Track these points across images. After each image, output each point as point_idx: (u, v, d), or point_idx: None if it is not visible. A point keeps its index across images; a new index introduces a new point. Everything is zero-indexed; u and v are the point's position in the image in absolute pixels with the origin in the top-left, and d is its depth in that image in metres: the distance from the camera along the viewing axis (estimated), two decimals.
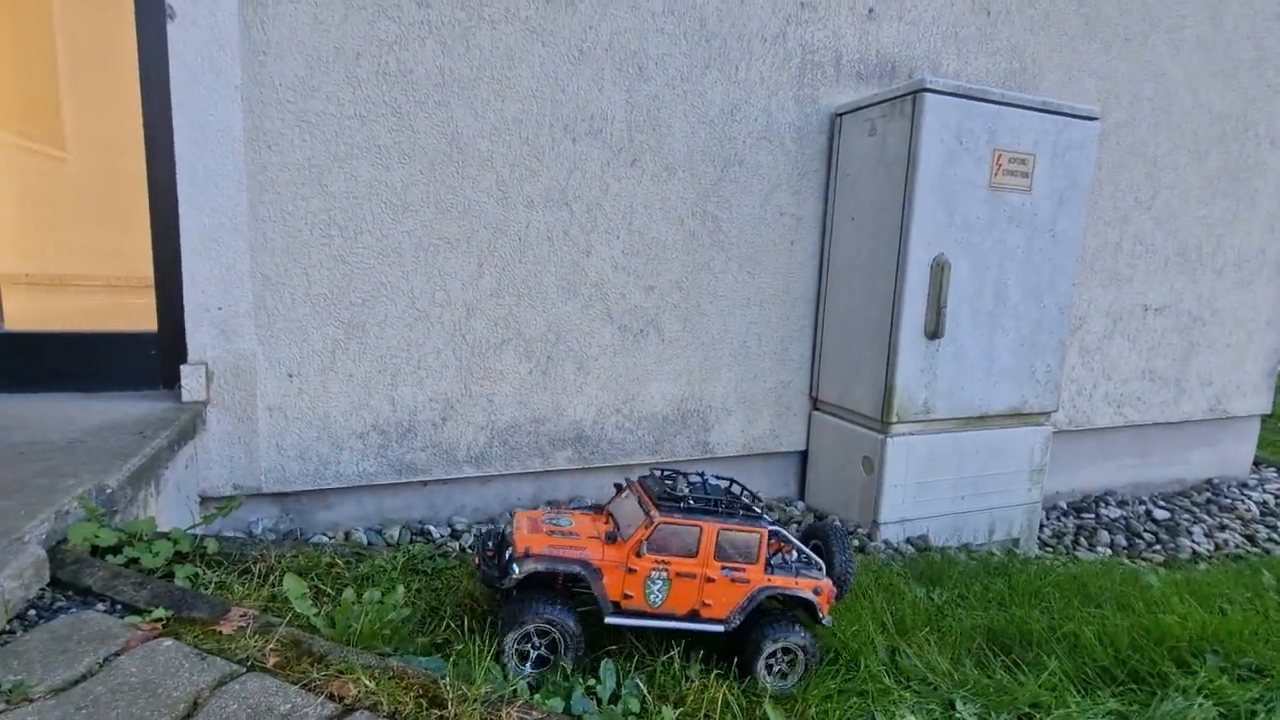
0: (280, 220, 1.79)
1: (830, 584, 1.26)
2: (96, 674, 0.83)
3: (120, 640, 0.90)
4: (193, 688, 0.82)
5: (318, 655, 0.91)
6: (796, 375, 2.45)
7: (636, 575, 1.16)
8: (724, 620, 1.19)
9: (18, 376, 1.73)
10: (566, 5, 1.96)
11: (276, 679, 0.86)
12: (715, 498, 1.23)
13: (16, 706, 0.77)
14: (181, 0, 1.63)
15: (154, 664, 0.86)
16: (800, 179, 2.33)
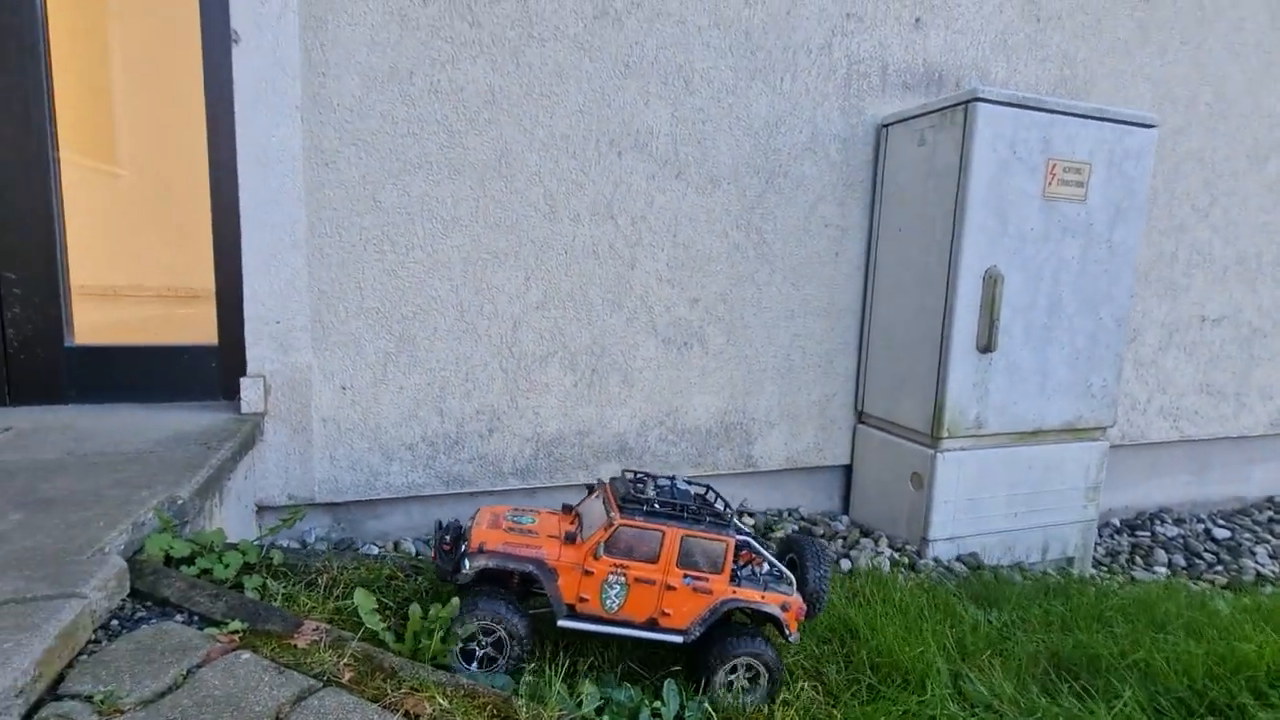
0: (336, 236, 1.83)
1: (800, 600, 1.20)
2: (181, 686, 0.85)
3: (200, 652, 0.92)
4: (274, 703, 0.84)
5: (390, 671, 0.92)
6: (841, 388, 2.42)
7: (593, 578, 1.11)
8: (684, 631, 1.13)
9: (88, 388, 1.80)
10: (614, 21, 1.98)
11: (353, 695, 0.87)
12: (681, 502, 1.16)
13: (109, 718, 0.79)
14: (246, 25, 1.68)
15: (235, 677, 0.88)
16: (845, 190, 2.31)
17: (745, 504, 2.39)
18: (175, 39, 4.22)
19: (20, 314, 1.72)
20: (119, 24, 4.33)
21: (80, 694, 0.82)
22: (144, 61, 4.36)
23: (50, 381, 1.76)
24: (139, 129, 4.48)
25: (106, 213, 4.42)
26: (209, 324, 1.87)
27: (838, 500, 2.53)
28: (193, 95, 1.81)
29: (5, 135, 1.65)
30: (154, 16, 4.25)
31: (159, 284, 4.70)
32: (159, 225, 4.48)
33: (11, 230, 1.69)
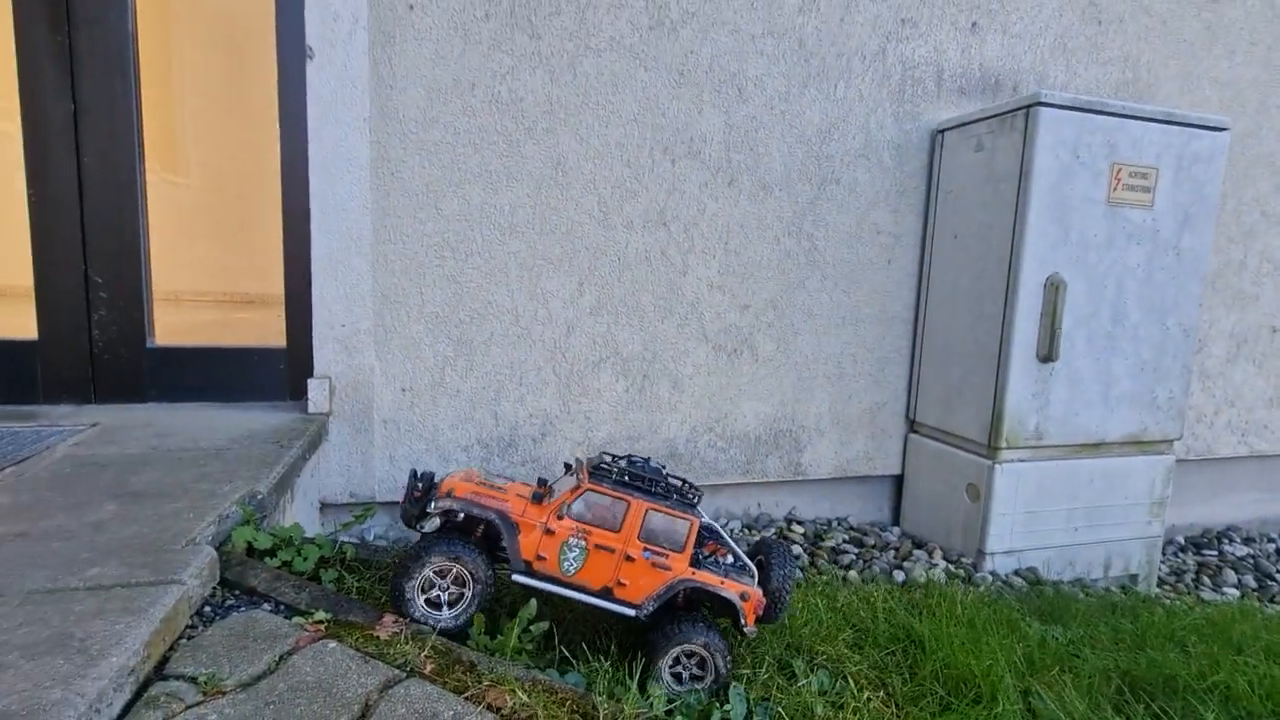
0: (399, 243, 1.89)
1: (760, 594, 1.18)
2: (275, 671, 0.89)
3: (290, 640, 0.96)
4: (362, 690, 0.86)
5: (468, 665, 0.95)
6: (892, 397, 2.38)
7: (554, 539, 1.12)
8: (637, 605, 1.12)
9: (165, 387, 1.88)
10: (669, 31, 2.00)
11: (435, 686, 0.89)
12: (650, 476, 1.17)
13: (212, 698, 0.83)
14: (320, 41, 1.76)
15: (324, 664, 0.91)
16: (898, 197, 2.28)
17: (794, 512, 2.37)
18: (239, 56, 4.41)
19: (106, 316, 1.82)
20: (185, 42, 4.55)
21: (184, 675, 0.86)
22: (207, 77, 4.57)
23: (132, 381, 1.85)
24: (200, 141, 4.70)
25: (170, 221, 4.63)
26: (264, 327, 1.95)
27: (888, 511, 2.50)
28: (253, 109, 1.91)
29: (97, 148, 1.75)
30: (218, 35, 4.45)
31: (217, 289, 4.90)
32: (218, 233, 4.67)
33: (100, 237, 1.79)
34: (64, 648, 0.80)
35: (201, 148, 4.84)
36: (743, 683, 1.14)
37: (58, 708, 0.71)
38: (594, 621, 1.30)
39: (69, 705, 0.71)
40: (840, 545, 2.16)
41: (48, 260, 1.76)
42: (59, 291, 1.78)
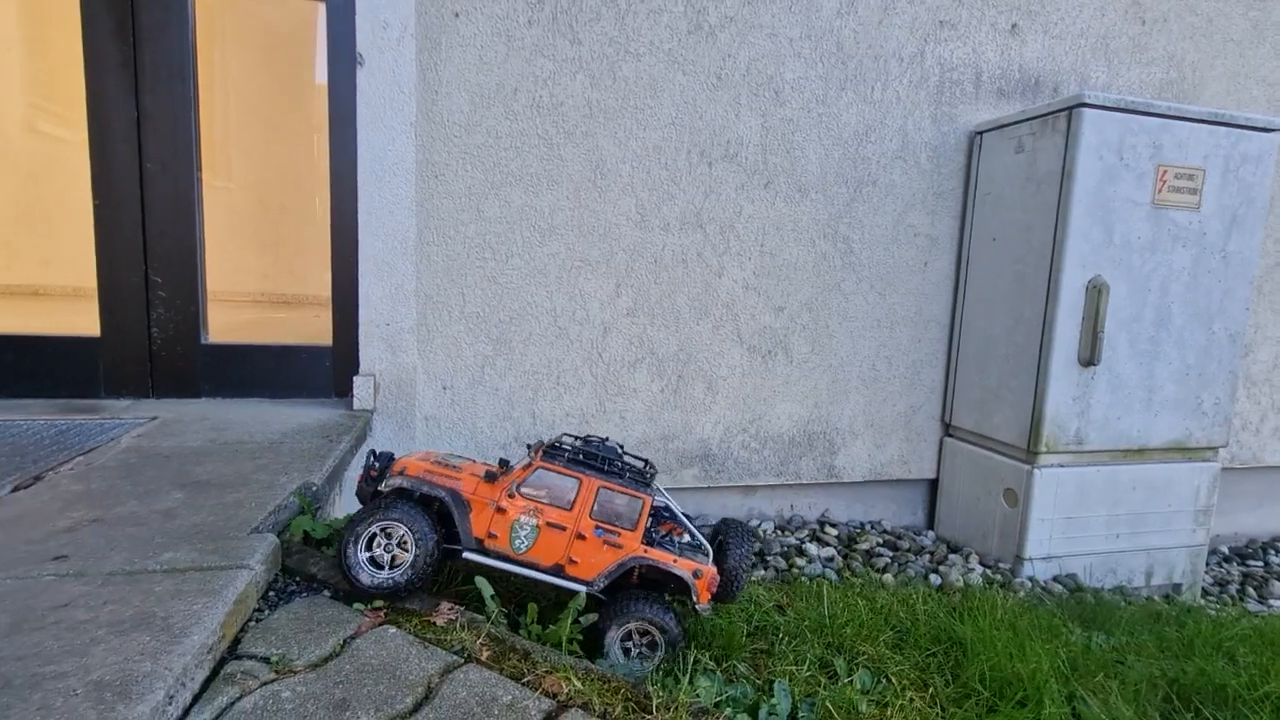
0: (442, 244, 1.93)
1: (714, 571, 1.17)
2: (341, 654, 0.92)
3: (352, 625, 1.00)
4: (424, 673, 0.90)
5: (522, 652, 0.97)
6: (928, 400, 2.37)
7: (505, 516, 1.12)
8: (589, 582, 1.13)
9: (219, 383, 1.95)
10: (707, 35, 2.02)
11: (492, 671, 0.92)
12: (604, 455, 1.17)
13: (284, 677, 0.86)
14: (370, 49, 1.81)
15: (386, 648, 0.94)
16: (935, 199, 2.28)
17: (827, 514, 2.36)
18: (278, 66, 4.53)
19: (164, 315, 1.89)
20: (228, 53, 4.70)
21: (256, 654, 0.91)
22: (247, 86, 4.71)
23: (187, 376, 1.92)
24: (240, 147, 4.84)
25: (215, 224, 4.78)
26: (301, 326, 2.01)
27: (922, 514, 2.48)
28: (291, 117, 1.96)
29: (158, 154, 1.83)
30: (259, 47, 4.59)
31: (255, 290, 5.04)
32: (260, 236, 4.81)
33: (160, 239, 1.86)
34: (149, 625, 0.85)
35: (241, 154, 4.99)
36: (786, 679, 1.15)
37: (149, 680, 0.75)
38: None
39: (159, 678, 0.75)
40: (875, 548, 2.15)
41: (110, 261, 1.84)
42: (120, 291, 1.86)
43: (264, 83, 4.57)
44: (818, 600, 1.48)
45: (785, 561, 2.01)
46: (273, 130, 4.77)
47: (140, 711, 0.71)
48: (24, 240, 5.00)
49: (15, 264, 4.92)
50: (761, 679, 1.17)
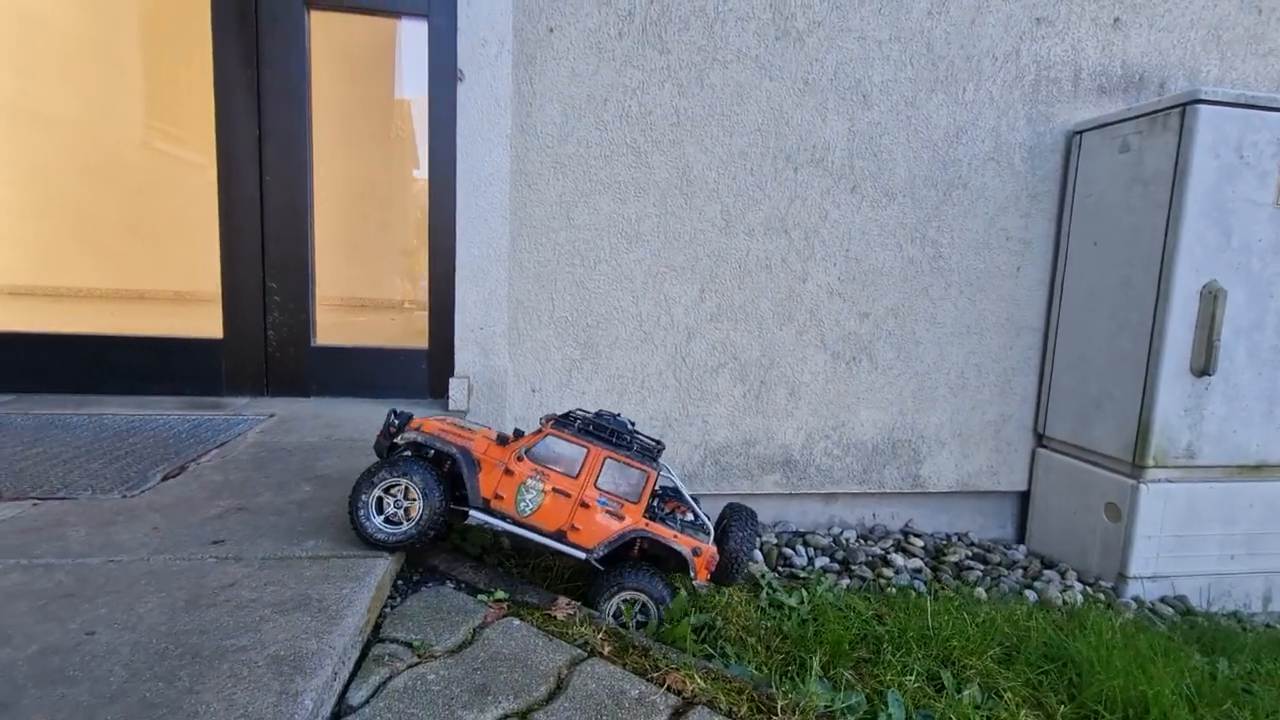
0: (534, 251, 2.00)
1: (713, 550, 1.18)
2: (474, 642, 0.97)
3: (479, 616, 1.05)
4: (553, 665, 0.93)
5: (642, 649, 1.00)
6: (1019, 409, 2.29)
7: (513, 479, 1.13)
8: (589, 550, 1.13)
9: (326, 383, 2.07)
10: (795, 41, 2.02)
11: (616, 666, 0.95)
12: (612, 427, 1.18)
13: (426, 661, 0.92)
14: (469, 65, 1.89)
15: (514, 639, 0.99)
16: (1029, 201, 2.20)
17: (911, 524, 2.31)
18: (362, 84, 4.75)
19: (279, 318, 2.02)
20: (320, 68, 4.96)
21: (397, 639, 0.96)
22: (334, 99, 4.96)
23: (298, 376, 2.05)
24: (328, 158, 5.11)
25: None
26: (378, 329, 2.09)
27: (1011, 528, 2.39)
28: (374, 128, 2.05)
29: (279, 170, 1.96)
30: (344, 66, 4.83)
31: (337, 294, 5.31)
32: (342, 243, 5.07)
33: (277, 248, 1.99)
34: (307, 607, 0.92)
35: (325, 165, 5.28)
36: (897, 689, 1.14)
37: (317, 657, 0.81)
38: (732, 617, 1.33)
39: (325, 656, 0.81)
40: (964, 561, 2.09)
41: (234, 269, 1.98)
42: (241, 296, 2.00)
43: (347, 98, 4.82)
44: (916, 611, 1.45)
45: (871, 571, 1.98)
46: (354, 142, 5.02)
47: (315, 685, 0.77)
48: (133, 249, 5.42)
49: (125, 271, 5.33)
50: (868, 688, 1.16)
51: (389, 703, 0.83)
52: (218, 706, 0.72)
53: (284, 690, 0.75)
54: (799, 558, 2.01)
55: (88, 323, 3.88)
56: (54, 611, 0.87)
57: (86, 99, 4.95)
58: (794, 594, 1.46)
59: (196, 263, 3.93)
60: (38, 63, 4.57)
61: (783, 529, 2.22)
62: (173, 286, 5.34)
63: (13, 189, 4.74)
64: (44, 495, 1.25)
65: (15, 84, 4.53)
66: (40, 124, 4.81)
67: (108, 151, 5.10)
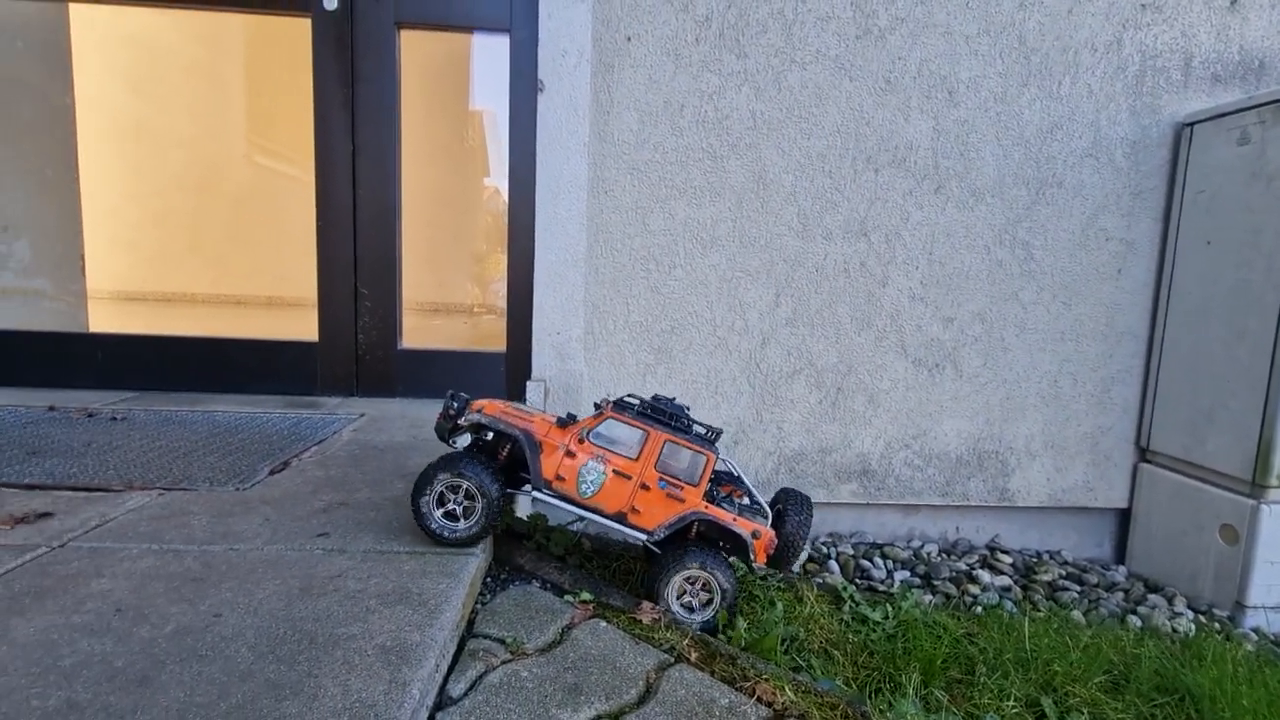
0: (609, 256, 2.02)
1: (772, 534, 1.17)
2: (563, 642, 0.99)
3: (566, 616, 1.06)
4: (642, 668, 0.94)
5: (729, 657, 0.99)
6: (1118, 421, 2.15)
7: (574, 461, 1.14)
8: (650, 531, 1.14)
9: (411, 384, 2.16)
10: (876, 39, 1.97)
11: (704, 673, 0.95)
12: (671, 410, 1.19)
13: (519, 658, 0.94)
14: (550, 75, 1.94)
15: (601, 640, 1.00)
16: (1132, 199, 2.06)
17: (997, 540, 2.20)
18: (438, 93, 4.93)
19: (369, 322, 2.12)
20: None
21: (490, 635, 0.99)
22: (412, 111, 5.17)
23: (385, 378, 2.15)
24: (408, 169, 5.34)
25: None
26: (449, 332, 2.15)
27: (1109, 547, 2.24)
28: (448, 139, 2.11)
29: (371, 181, 2.06)
30: (421, 75, 5.04)
31: (413, 299, 5.54)
32: (414, 250, 5.28)
33: (368, 256, 2.10)
34: (408, 600, 0.96)
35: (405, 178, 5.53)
36: (995, 715, 1.09)
37: (420, 649, 0.84)
38: (815, 630, 1.30)
39: (428, 648, 0.85)
40: (1058, 581, 1.98)
41: (329, 276, 2.10)
42: (335, 302, 2.11)
43: (424, 110, 5.02)
44: (1011, 632, 1.38)
45: (955, 588, 1.90)
46: (430, 152, 5.23)
47: (420, 674, 0.80)
48: (232, 256, 5.82)
49: (224, 277, 5.73)
50: (963, 710, 1.12)
51: (487, 697, 0.85)
52: (335, 690, 0.76)
53: (393, 679, 0.78)
54: (877, 570, 1.94)
55: (193, 325, 4.18)
56: (185, 594, 0.95)
57: (194, 118, 5.36)
58: (878, 608, 1.42)
59: (287, 269, 4.23)
60: (155, 87, 4.98)
61: (859, 540, 2.16)
62: (265, 292, 5.71)
63: (131, 202, 5.18)
64: (168, 486, 1.35)
65: (135, 107, 4.96)
66: (156, 143, 5.24)
67: (212, 166, 5.51)
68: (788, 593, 1.43)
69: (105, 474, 1.39)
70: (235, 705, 0.72)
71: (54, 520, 1.16)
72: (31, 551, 1.05)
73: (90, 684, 0.75)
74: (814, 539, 2.14)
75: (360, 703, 0.74)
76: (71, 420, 1.76)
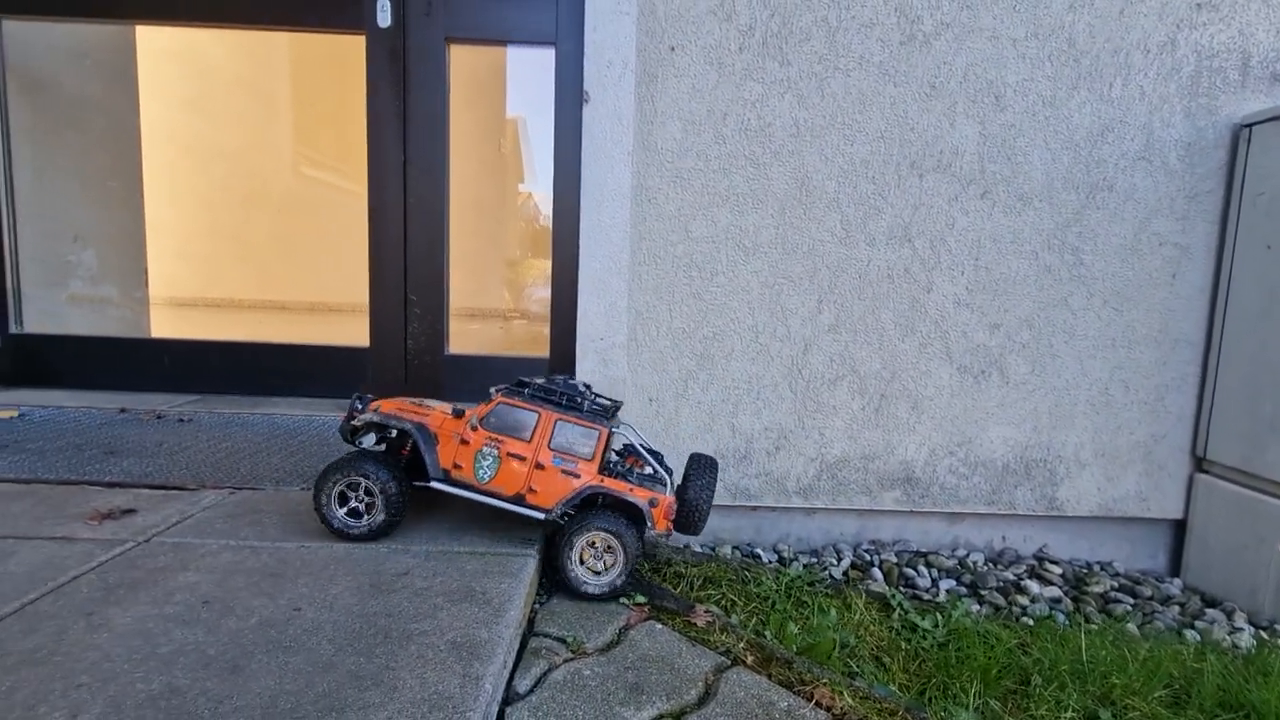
0: (652, 263, 2.05)
1: (671, 499, 1.20)
2: (621, 642, 1.02)
3: (622, 617, 1.09)
4: (700, 670, 0.96)
5: (784, 660, 1.00)
6: (1173, 430, 2.09)
7: (469, 448, 1.17)
8: (548, 510, 1.16)
9: (458, 389, 2.22)
10: (921, 45, 1.97)
11: (761, 676, 0.96)
12: (564, 391, 1.21)
13: (581, 657, 0.97)
14: (595, 86, 1.98)
15: (658, 642, 1.02)
16: (1187, 202, 2.02)
17: (1045, 550, 2.16)
18: (476, 103, 5.03)
19: (418, 329, 2.19)
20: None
21: (550, 634, 1.02)
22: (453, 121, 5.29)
23: (433, 382, 2.21)
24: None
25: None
26: (487, 336, 2.20)
27: (1163, 559, 2.18)
28: (483, 147, 2.16)
29: (423, 194, 2.13)
30: (460, 86, 5.15)
31: (453, 305, 5.65)
32: (455, 256, 5.40)
33: (418, 264, 2.16)
34: (473, 599, 0.99)
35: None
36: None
37: (489, 645, 0.88)
38: (866, 638, 1.30)
39: (496, 645, 0.88)
40: (1110, 593, 1.93)
41: (380, 283, 2.17)
42: (386, 309, 2.18)
43: (463, 119, 5.14)
44: (1065, 643, 1.36)
45: (1003, 598, 1.87)
46: (469, 161, 5.34)
47: (490, 670, 0.83)
48: (277, 264, 6.01)
49: (269, 284, 5.93)
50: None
51: (553, 694, 0.88)
52: (413, 683, 0.79)
53: (466, 674, 0.81)
54: (922, 579, 1.93)
55: (242, 330, 4.33)
56: (264, 588, 1.00)
57: (242, 131, 5.56)
58: (927, 616, 1.41)
59: (329, 276, 4.35)
60: (207, 104, 5.19)
61: (903, 548, 2.14)
62: (308, 298, 5.88)
63: (184, 213, 5.40)
64: (238, 485, 1.42)
65: (189, 123, 5.17)
66: (205, 155, 5.46)
67: (258, 177, 5.71)
68: (836, 599, 1.43)
69: (179, 473, 1.47)
70: (321, 694, 0.76)
71: (138, 516, 1.23)
72: (120, 546, 1.11)
73: (187, 670, 0.80)
74: (856, 546, 2.14)
75: (438, 694, 0.77)
76: (142, 422, 1.85)
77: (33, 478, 1.39)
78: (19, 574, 1.00)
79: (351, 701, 0.75)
